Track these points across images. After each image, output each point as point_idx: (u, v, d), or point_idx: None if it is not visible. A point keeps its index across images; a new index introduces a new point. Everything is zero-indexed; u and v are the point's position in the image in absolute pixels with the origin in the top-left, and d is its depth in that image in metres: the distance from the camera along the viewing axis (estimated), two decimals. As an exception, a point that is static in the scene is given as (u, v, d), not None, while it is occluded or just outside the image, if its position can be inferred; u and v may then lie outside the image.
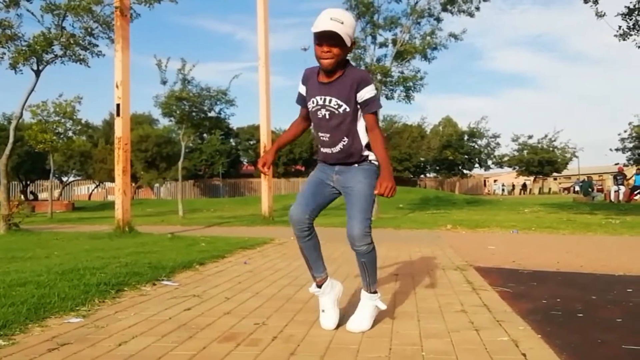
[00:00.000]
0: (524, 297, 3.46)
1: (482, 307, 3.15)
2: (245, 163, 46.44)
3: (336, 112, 2.54)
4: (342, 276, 4.32)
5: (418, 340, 2.47)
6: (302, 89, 2.68)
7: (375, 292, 2.69)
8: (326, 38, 2.40)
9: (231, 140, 44.38)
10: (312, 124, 2.74)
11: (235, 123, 50.12)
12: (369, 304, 2.68)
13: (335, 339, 2.49)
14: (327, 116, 2.56)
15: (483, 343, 2.40)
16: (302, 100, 2.72)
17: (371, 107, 2.54)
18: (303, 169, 42.51)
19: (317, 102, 2.58)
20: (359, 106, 2.54)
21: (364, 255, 2.58)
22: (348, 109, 2.53)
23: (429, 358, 2.20)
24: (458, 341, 2.43)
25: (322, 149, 2.68)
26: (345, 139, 2.58)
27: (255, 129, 37.19)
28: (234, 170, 44.42)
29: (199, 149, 38.88)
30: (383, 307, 2.71)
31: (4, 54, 10.18)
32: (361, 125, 2.59)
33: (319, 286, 2.74)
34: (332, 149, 2.62)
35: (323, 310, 2.70)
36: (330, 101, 2.54)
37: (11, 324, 2.64)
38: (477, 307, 3.16)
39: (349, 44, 2.43)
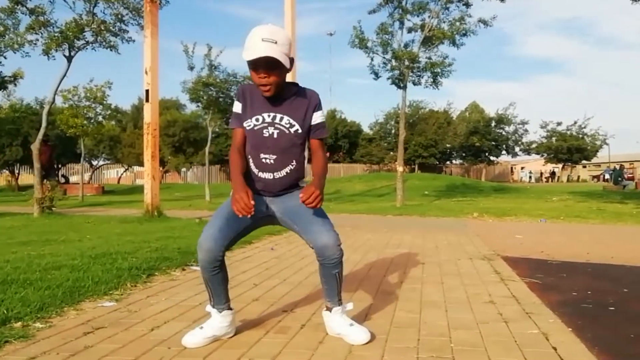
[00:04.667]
0: (553, 289, 3.42)
1: (511, 299, 3.12)
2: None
3: (287, 131, 2.27)
4: (367, 265, 4.34)
5: (446, 331, 2.47)
6: (240, 107, 2.34)
7: (341, 300, 2.39)
8: (262, 64, 2.14)
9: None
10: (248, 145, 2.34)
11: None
12: (345, 317, 2.37)
13: (363, 328, 2.49)
14: (275, 135, 2.27)
15: (512, 335, 2.39)
16: (239, 122, 2.34)
17: (322, 132, 2.33)
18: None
19: (264, 119, 2.27)
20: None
21: (337, 265, 2.24)
22: (300, 131, 2.28)
23: (457, 350, 2.20)
24: (487, 333, 2.42)
25: (260, 175, 2.31)
26: (294, 163, 2.31)
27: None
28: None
29: (225, 134, 39.07)
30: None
31: (38, 40, 10.41)
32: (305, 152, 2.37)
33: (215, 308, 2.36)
34: (276, 173, 2.29)
35: (201, 327, 2.32)
36: (281, 119, 2.27)
37: (48, 307, 2.72)
38: (505, 298, 3.14)
39: (287, 65, 2.16)
